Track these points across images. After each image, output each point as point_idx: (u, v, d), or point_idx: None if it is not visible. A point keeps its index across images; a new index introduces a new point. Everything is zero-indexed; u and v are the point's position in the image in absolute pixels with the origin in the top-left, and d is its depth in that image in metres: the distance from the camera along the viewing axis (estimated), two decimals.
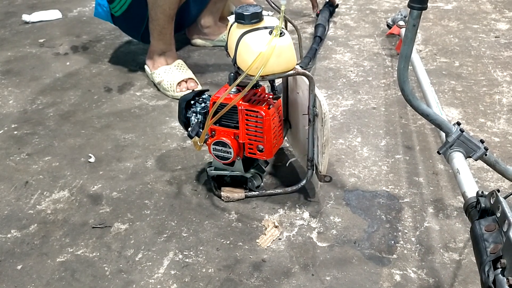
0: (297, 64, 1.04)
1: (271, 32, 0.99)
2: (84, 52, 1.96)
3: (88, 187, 1.23)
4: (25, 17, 2.25)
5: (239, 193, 1.17)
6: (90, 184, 1.24)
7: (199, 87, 1.63)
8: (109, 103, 1.60)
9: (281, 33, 0.99)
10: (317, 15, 2.09)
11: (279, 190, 1.18)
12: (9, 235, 1.10)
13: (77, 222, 1.13)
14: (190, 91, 1.54)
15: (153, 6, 1.58)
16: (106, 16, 1.73)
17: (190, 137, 1.15)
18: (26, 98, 1.65)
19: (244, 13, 1.01)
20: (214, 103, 1.08)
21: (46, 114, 1.55)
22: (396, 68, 0.91)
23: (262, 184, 1.20)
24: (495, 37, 1.94)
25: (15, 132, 1.47)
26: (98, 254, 1.04)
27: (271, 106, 1.08)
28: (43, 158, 1.34)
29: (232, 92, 1.07)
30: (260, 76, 0.99)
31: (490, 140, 1.34)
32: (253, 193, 1.17)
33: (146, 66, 1.73)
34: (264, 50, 0.97)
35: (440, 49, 1.86)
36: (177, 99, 1.59)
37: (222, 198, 1.16)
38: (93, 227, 1.11)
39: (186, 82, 1.63)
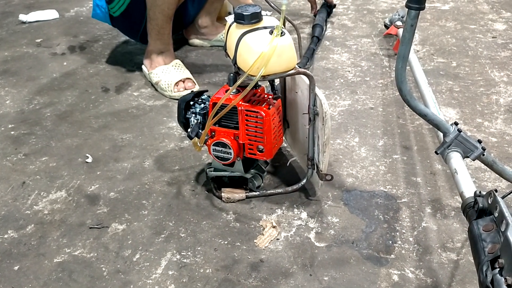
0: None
1: (272, 32, 0.99)
2: (82, 52, 1.96)
3: (86, 188, 1.23)
4: (22, 17, 2.25)
5: (239, 194, 1.16)
6: (87, 185, 1.24)
7: (197, 87, 1.63)
8: (106, 103, 1.60)
9: (281, 33, 0.99)
10: (315, 15, 2.09)
11: (279, 190, 1.18)
12: (6, 236, 1.09)
13: (74, 223, 1.12)
14: (188, 91, 1.55)
15: (151, 5, 1.58)
16: (104, 17, 1.73)
17: (190, 138, 1.14)
18: (23, 98, 1.64)
19: (244, 13, 1.01)
20: (214, 104, 1.08)
21: (43, 114, 1.55)
22: (394, 68, 0.92)
23: (262, 184, 1.20)
24: (492, 37, 1.95)
25: (12, 132, 1.46)
26: (96, 254, 1.04)
27: (271, 106, 1.08)
28: (40, 158, 1.34)
29: (232, 93, 1.07)
30: (261, 76, 0.98)
31: (488, 140, 1.34)
32: (254, 193, 1.17)
33: (143, 66, 1.73)
34: (265, 50, 0.97)
35: (437, 49, 1.86)
36: (175, 99, 1.59)
37: (222, 199, 1.16)
38: (91, 228, 1.11)
39: (183, 82, 1.62)
